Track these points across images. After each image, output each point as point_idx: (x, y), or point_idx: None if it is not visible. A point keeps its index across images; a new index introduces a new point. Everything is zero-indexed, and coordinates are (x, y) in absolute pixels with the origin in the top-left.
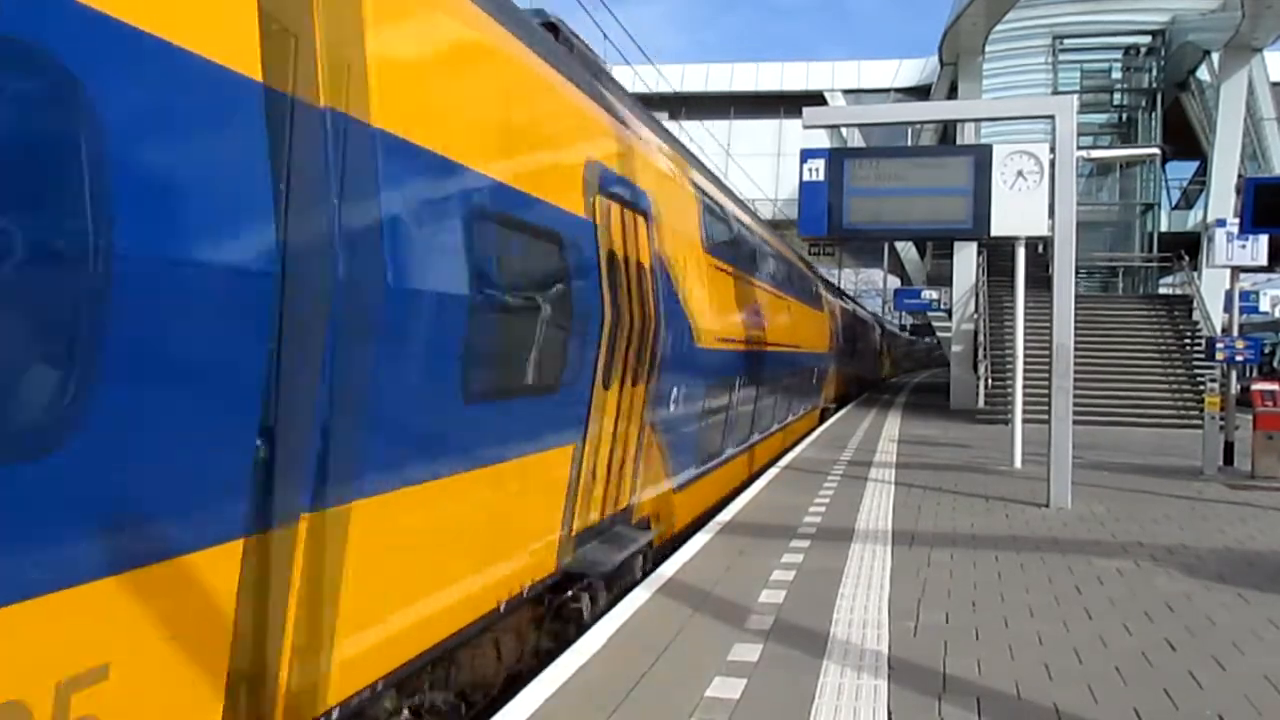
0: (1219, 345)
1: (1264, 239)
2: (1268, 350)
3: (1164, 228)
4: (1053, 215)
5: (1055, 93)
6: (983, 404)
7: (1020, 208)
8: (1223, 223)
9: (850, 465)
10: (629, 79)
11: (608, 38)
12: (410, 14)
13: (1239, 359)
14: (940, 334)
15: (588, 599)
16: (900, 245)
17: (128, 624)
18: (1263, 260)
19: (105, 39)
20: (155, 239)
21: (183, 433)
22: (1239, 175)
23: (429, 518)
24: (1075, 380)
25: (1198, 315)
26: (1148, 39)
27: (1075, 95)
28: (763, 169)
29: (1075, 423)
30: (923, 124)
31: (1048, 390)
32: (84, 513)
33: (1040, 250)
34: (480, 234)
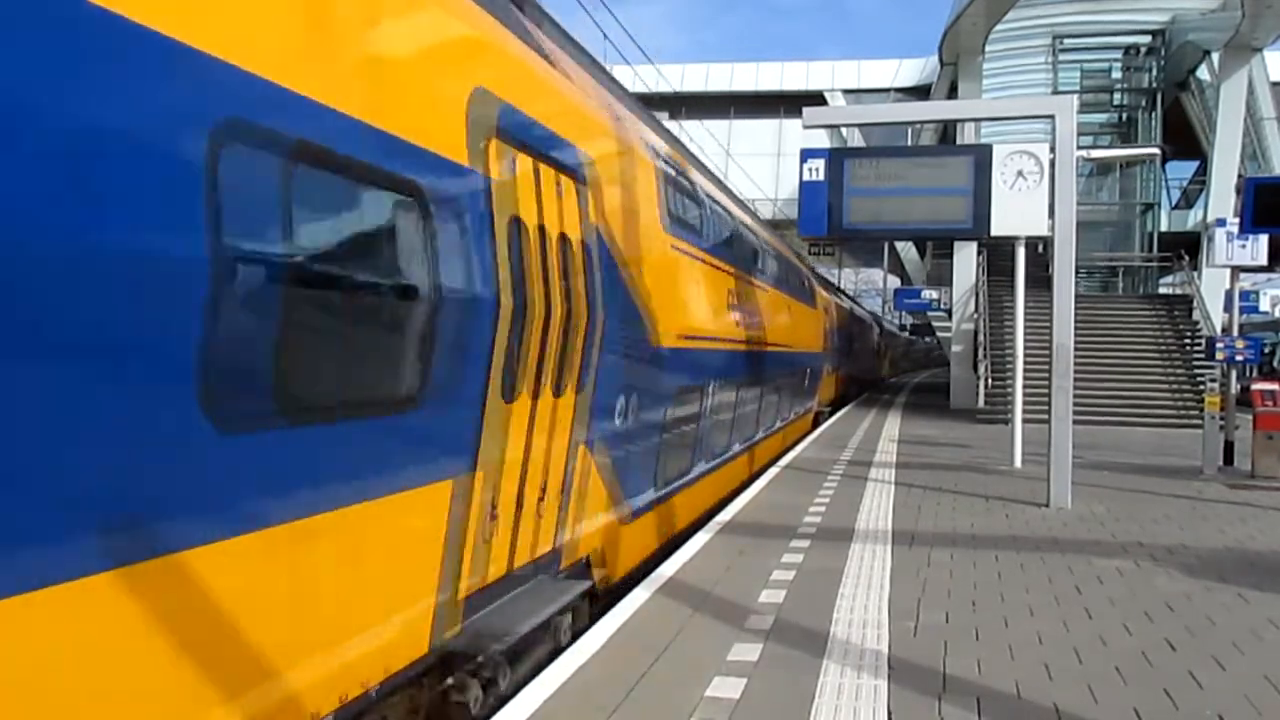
0: (1219, 345)
1: (1264, 239)
2: (1268, 350)
3: (1164, 227)
4: (1053, 215)
5: (1055, 93)
6: (983, 404)
7: (1020, 207)
8: (1223, 222)
9: (850, 465)
10: (629, 79)
11: (608, 38)
12: None
13: (1239, 359)
14: (940, 334)
15: (478, 687)
16: (900, 245)
17: None
18: (1263, 260)
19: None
20: None
21: None
22: (1239, 175)
23: (131, 617)
24: (1075, 380)
25: (1198, 315)
26: (1148, 39)
27: (1075, 95)
28: (763, 169)
29: (1075, 422)
30: (923, 124)
31: (1048, 390)
32: None
33: (1040, 250)
34: (252, 170)
